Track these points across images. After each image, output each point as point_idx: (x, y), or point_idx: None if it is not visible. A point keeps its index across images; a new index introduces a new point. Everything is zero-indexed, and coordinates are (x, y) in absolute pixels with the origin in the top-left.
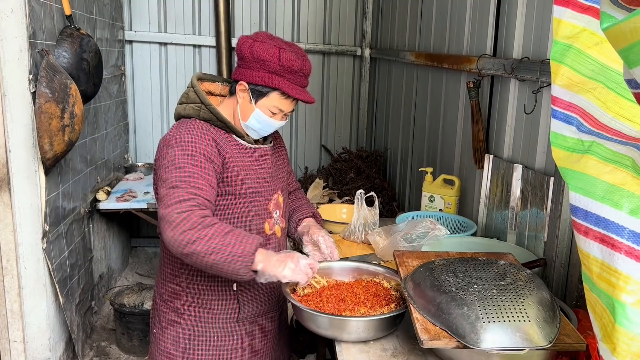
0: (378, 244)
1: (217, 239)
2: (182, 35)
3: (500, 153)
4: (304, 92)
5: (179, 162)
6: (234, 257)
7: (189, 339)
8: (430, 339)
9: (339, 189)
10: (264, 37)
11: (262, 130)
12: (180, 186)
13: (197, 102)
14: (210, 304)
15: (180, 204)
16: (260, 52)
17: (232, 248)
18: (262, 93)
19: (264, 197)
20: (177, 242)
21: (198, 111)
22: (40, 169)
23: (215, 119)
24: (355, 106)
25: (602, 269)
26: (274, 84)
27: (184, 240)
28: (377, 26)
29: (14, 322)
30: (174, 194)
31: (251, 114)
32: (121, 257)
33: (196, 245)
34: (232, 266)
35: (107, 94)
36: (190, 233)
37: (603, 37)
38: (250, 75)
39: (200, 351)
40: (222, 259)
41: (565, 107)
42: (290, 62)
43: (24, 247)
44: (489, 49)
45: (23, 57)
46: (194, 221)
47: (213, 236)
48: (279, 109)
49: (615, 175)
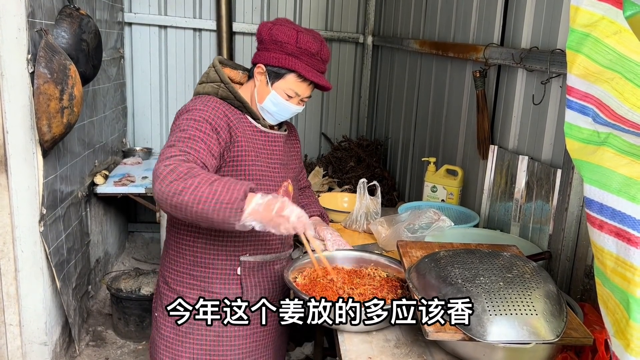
0: (380, 234)
1: (204, 187)
2: (183, 19)
3: (505, 144)
4: (321, 76)
5: (183, 126)
6: (222, 204)
7: (190, 322)
8: (436, 330)
9: (339, 178)
10: (283, 22)
11: (278, 114)
12: (176, 145)
13: (216, 80)
14: (212, 287)
15: (170, 159)
16: (278, 34)
17: (219, 196)
18: (278, 74)
19: (274, 182)
20: (165, 194)
21: (217, 89)
22: (38, 151)
23: (233, 98)
24: (357, 94)
25: (617, 263)
26: (290, 66)
27: (170, 191)
28: (380, 13)
29: (10, 306)
30: (168, 151)
31: (267, 96)
32: (118, 242)
33: (183, 195)
34: (222, 214)
35: (105, 77)
36: (176, 183)
37: (622, 26)
38: (268, 56)
39: (200, 336)
40: (210, 208)
41: (581, 97)
42: (308, 44)
43: (20, 230)
44: (496, 38)
45: (21, 37)
46: (179, 171)
47: (199, 185)
48: (295, 92)
49: (632, 168)
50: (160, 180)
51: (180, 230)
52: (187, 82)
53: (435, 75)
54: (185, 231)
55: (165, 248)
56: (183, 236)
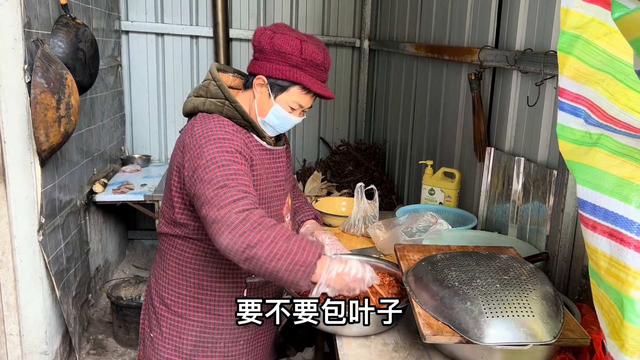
0: (378, 237)
1: (280, 243)
2: (179, 26)
3: (501, 146)
4: (325, 87)
5: (220, 160)
6: (296, 265)
7: (194, 345)
8: (433, 333)
9: (338, 182)
10: (283, 29)
11: (280, 127)
12: (229, 185)
13: (219, 97)
14: (219, 310)
15: (236, 204)
16: (281, 44)
17: (295, 255)
18: (282, 87)
19: (280, 200)
20: (237, 246)
21: (221, 107)
22: (35, 161)
23: (240, 118)
24: (354, 98)
25: (610, 264)
26: (295, 78)
27: (244, 243)
28: (376, 17)
29: (10, 315)
30: (226, 194)
31: (270, 110)
32: (118, 250)
33: (257, 248)
34: (293, 276)
35: (103, 85)
36: (251, 235)
37: (612, 27)
38: (270, 68)
39: (205, 357)
40: (284, 267)
41: (572, 99)
42: (313, 55)
43: (19, 240)
44: (490, 41)
45: (18, 47)
46: (253, 221)
47: (275, 240)
48: (299, 105)
49: (624, 169)
50: (231, 229)
51: (185, 253)
52: (185, 89)
53: (432, 78)
54: (190, 255)
55: (162, 268)
56: (187, 260)
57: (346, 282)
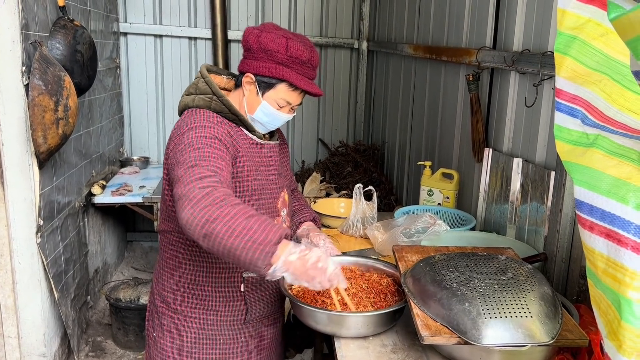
0: (377, 239)
1: (240, 220)
2: (178, 28)
3: (499, 146)
4: (312, 84)
5: (197, 144)
6: (254, 243)
7: (194, 342)
8: (431, 335)
9: (336, 183)
10: (270, 28)
11: (269, 124)
12: (200, 164)
13: (207, 93)
14: (217, 306)
15: (201, 180)
16: (267, 42)
17: (254, 233)
18: (269, 84)
19: (273, 194)
20: (197, 220)
21: (209, 102)
22: (34, 163)
23: (227, 111)
24: (353, 99)
25: (607, 264)
26: (281, 75)
27: (203, 217)
28: (374, 18)
29: (8, 318)
30: (194, 172)
31: (258, 107)
32: (117, 252)
33: (216, 224)
34: (251, 255)
35: (101, 87)
36: (211, 210)
37: (609, 28)
38: (257, 66)
39: (206, 354)
40: (241, 244)
41: (569, 99)
42: (298, 52)
43: (18, 242)
44: (488, 41)
45: (15, 49)
46: (216, 197)
47: (235, 216)
48: (286, 102)
49: (621, 169)
50: (193, 203)
51: (180, 249)
52: (183, 91)
53: (430, 79)
54: (184, 251)
55: (161, 267)
56: (183, 256)
57: (306, 268)
